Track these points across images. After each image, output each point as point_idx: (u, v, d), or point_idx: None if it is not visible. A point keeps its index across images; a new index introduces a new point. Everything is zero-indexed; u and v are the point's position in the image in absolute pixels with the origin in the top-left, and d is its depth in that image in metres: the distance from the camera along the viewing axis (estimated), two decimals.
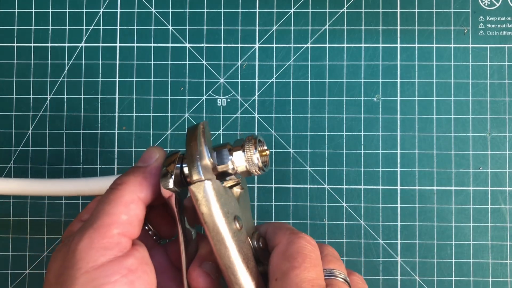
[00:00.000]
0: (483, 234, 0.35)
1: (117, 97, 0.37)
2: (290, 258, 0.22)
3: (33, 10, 0.37)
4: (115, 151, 0.36)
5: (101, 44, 0.37)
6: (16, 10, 0.37)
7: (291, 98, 0.36)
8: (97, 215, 0.23)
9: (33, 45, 0.37)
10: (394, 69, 0.36)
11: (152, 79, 0.37)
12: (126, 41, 0.37)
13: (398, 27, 0.36)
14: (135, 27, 0.37)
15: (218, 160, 0.24)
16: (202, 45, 0.37)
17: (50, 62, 0.37)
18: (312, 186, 0.36)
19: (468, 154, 0.36)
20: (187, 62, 0.37)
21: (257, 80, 0.36)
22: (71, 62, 0.37)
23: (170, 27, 0.37)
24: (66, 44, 0.37)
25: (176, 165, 0.24)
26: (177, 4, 0.37)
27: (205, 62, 0.37)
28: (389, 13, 0.37)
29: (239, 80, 0.36)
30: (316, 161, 0.36)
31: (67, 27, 0.37)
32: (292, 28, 0.37)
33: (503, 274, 0.35)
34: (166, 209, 0.27)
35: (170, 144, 0.36)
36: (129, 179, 0.24)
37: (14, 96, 0.37)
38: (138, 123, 0.36)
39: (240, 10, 0.37)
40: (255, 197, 0.36)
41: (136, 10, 0.37)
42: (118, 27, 0.37)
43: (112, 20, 0.37)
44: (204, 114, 0.36)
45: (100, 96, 0.37)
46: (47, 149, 0.36)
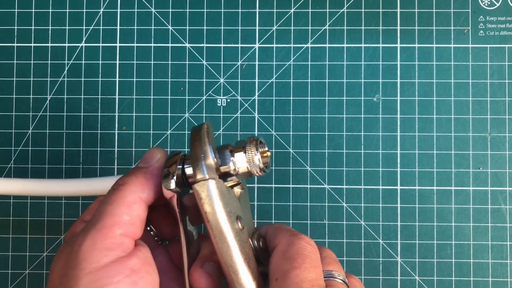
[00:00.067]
0: (483, 234, 0.35)
1: (117, 97, 0.37)
2: (290, 258, 0.23)
3: (33, 10, 0.37)
4: (115, 151, 0.36)
5: (101, 44, 0.37)
6: (16, 10, 0.37)
7: (291, 98, 0.36)
8: (99, 216, 0.23)
9: (33, 45, 0.37)
10: (394, 69, 0.36)
11: (152, 79, 0.37)
12: (126, 41, 0.37)
13: (398, 27, 0.36)
14: (135, 27, 0.37)
15: (221, 160, 0.25)
16: (202, 45, 0.37)
17: (50, 62, 0.37)
18: (312, 186, 0.36)
19: (468, 154, 0.36)
20: (187, 62, 0.37)
21: (257, 80, 0.36)
22: (71, 62, 0.37)
23: (170, 27, 0.37)
24: (66, 44, 0.37)
25: (177, 166, 0.24)
26: (177, 4, 0.37)
27: (205, 62, 0.37)
28: (389, 13, 0.37)
29: (239, 80, 0.36)
30: (316, 161, 0.36)
31: (67, 27, 0.37)
32: (292, 28, 0.37)
33: (503, 274, 0.35)
34: (167, 209, 0.28)
35: (170, 144, 0.36)
36: (131, 180, 0.24)
37: (14, 96, 0.37)
38: (138, 123, 0.36)
39: (240, 10, 0.37)
40: (255, 197, 0.36)
41: (136, 10, 0.37)
42: (118, 27, 0.37)
43: (112, 20, 0.37)
44: (204, 114, 0.36)
45: (100, 96, 0.37)
46: (47, 149, 0.36)
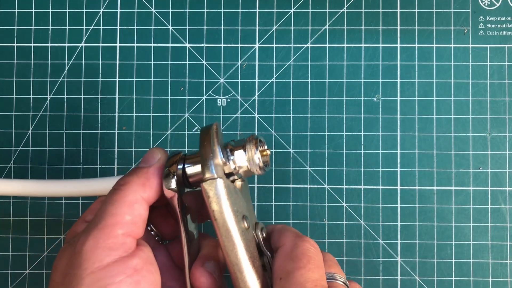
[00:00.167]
0: (483, 234, 0.35)
1: (117, 97, 0.37)
2: (295, 259, 0.23)
3: (33, 10, 0.37)
4: (115, 151, 0.36)
5: (101, 44, 0.37)
6: (16, 10, 0.37)
7: (291, 98, 0.36)
8: (101, 216, 0.23)
9: (33, 45, 0.37)
10: (394, 69, 0.36)
11: (152, 79, 0.37)
12: (126, 41, 0.37)
13: (398, 27, 0.36)
14: (135, 27, 0.37)
15: (225, 159, 0.25)
16: (202, 45, 0.37)
17: (50, 62, 0.37)
18: (312, 186, 0.36)
19: (468, 154, 0.36)
20: (187, 62, 0.37)
21: (257, 80, 0.36)
22: (71, 62, 0.37)
23: (170, 27, 0.37)
24: (66, 44, 0.37)
25: (178, 165, 0.25)
26: (177, 4, 0.37)
27: (205, 62, 0.37)
28: (389, 13, 0.37)
29: (239, 80, 0.36)
30: (316, 161, 0.36)
31: (67, 27, 0.37)
32: (292, 28, 0.37)
33: (503, 274, 0.35)
34: (168, 209, 0.28)
35: (170, 144, 0.36)
36: (132, 180, 0.24)
37: (14, 96, 0.37)
38: (138, 123, 0.36)
39: (240, 10, 0.37)
40: (255, 197, 0.36)
41: (136, 10, 0.37)
42: (118, 27, 0.37)
43: (112, 20, 0.37)
44: (204, 114, 0.36)
45: (100, 96, 0.37)
46: (47, 149, 0.36)
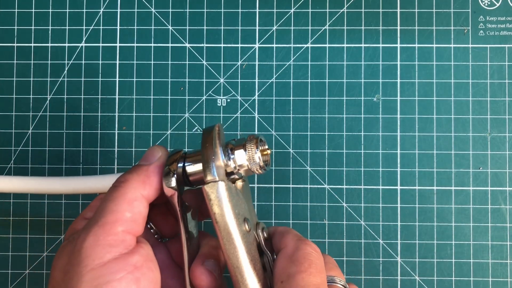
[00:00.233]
0: (483, 234, 0.35)
1: (117, 97, 0.37)
2: (296, 262, 0.23)
3: (33, 10, 0.37)
4: (115, 151, 0.36)
5: (101, 44, 0.37)
6: (16, 10, 0.37)
7: (291, 98, 0.36)
8: (101, 213, 0.23)
9: (33, 45, 0.37)
10: (394, 69, 0.36)
11: (152, 79, 0.37)
12: (126, 41, 0.37)
13: (398, 27, 0.36)
14: (135, 27, 0.37)
15: (226, 159, 0.25)
16: (202, 45, 0.37)
17: (50, 62, 0.37)
18: (312, 186, 0.36)
19: (468, 154, 0.36)
20: (187, 62, 0.37)
21: (257, 80, 0.36)
22: (71, 62, 0.37)
23: (170, 27, 0.37)
24: (66, 44, 0.37)
25: (178, 164, 0.25)
26: (177, 4, 0.37)
27: (205, 62, 0.37)
28: (389, 13, 0.37)
29: (239, 80, 0.36)
30: (316, 161, 0.36)
31: (67, 27, 0.37)
32: (292, 28, 0.37)
33: (503, 274, 0.35)
34: (167, 207, 0.28)
35: (170, 144, 0.36)
36: (132, 177, 0.24)
37: (14, 96, 0.37)
38: (138, 123, 0.36)
39: (240, 10, 0.37)
40: (255, 197, 0.36)
41: (136, 10, 0.37)
42: (118, 27, 0.37)
43: (112, 20, 0.37)
44: (204, 114, 0.36)
45: (100, 96, 0.37)
46: (47, 149, 0.36)
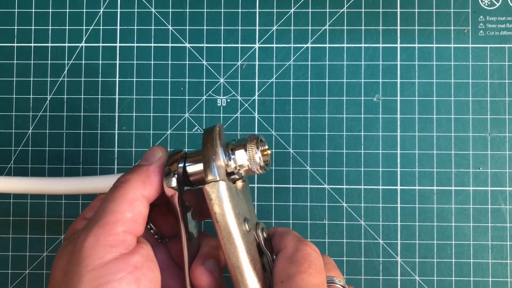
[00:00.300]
0: (483, 234, 0.35)
1: (117, 97, 0.37)
2: (296, 263, 0.23)
3: (33, 10, 0.37)
4: (115, 151, 0.36)
5: (101, 44, 0.37)
6: (16, 10, 0.37)
7: (291, 98, 0.36)
8: (102, 213, 0.23)
9: (33, 45, 0.37)
10: (394, 69, 0.36)
11: (152, 79, 0.37)
12: (126, 41, 0.37)
13: (398, 27, 0.36)
14: (135, 27, 0.37)
15: (227, 160, 0.25)
16: (202, 45, 0.37)
17: (50, 62, 0.37)
18: (312, 186, 0.36)
19: (468, 154, 0.36)
20: (187, 62, 0.37)
21: (257, 80, 0.36)
22: (71, 62, 0.37)
23: (170, 27, 0.37)
24: (66, 44, 0.37)
25: (179, 164, 0.25)
26: (177, 4, 0.37)
27: (205, 62, 0.37)
28: (389, 13, 0.37)
29: (239, 80, 0.36)
30: (316, 161, 0.36)
31: (67, 27, 0.37)
32: (292, 28, 0.37)
33: (503, 274, 0.35)
34: (167, 207, 0.28)
35: (170, 144, 0.36)
36: (132, 177, 0.24)
37: (14, 96, 0.37)
38: (138, 123, 0.36)
39: (240, 10, 0.37)
40: (255, 197, 0.36)
41: (136, 10, 0.37)
42: (118, 27, 0.37)
43: (112, 20, 0.37)
44: (204, 114, 0.36)
45: (100, 96, 0.37)
46: (47, 149, 0.36)
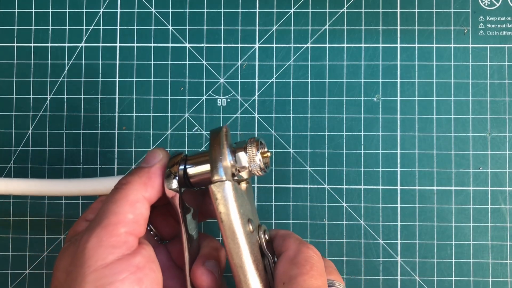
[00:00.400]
0: (483, 234, 0.35)
1: (117, 97, 0.37)
2: (298, 265, 0.23)
3: (33, 10, 0.37)
4: (115, 151, 0.36)
5: (101, 44, 0.37)
6: (16, 10, 0.37)
7: (291, 98, 0.36)
8: (104, 214, 0.23)
9: (33, 45, 0.37)
10: (394, 69, 0.36)
11: (152, 79, 0.37)
12: (126, 41, 0.37)
13: (398, 27, 0.36)
14: (135, 27, 0.37)
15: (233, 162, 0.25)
16: (202, 45, 0.37)
17: (50, 62, 0.37)
18: (312, 186, 0.36)
19: (468, 154, 0.36)
20: (187, 62, 0.37)
21: (257, 80, 0.36)
22: (71, 62, 0.37)
23: (170, 27, 0.37)
24: (66, 44, 0.37)
25: (179, 166, 0.25)
26: (177, 4, 0.37)
27: (205, 62, 0.37)
28: (389, 13, 0.37)
29: (239, 80, 0.36)
30: (316, 161, 0.36)
31: (67, 27, 0.37)
32: (292, 28, 0.37)
33: (503, 274, 0.35)
34: (167, 209, 0.28)
35: (170, 144, 0.36)
36: (134, 179, 0.24)
37: (14, 96, 0.37)
38: (138, 123, 0.36)
39: (240, 10, 0.37)
40: (255, 197, 0.36)
41: (136, 10, 0.37)
42: (118, 27, 0.37)
43: (112, 20, 0.37)
44: (204, 114, 0.36)
45: (100, 96, 0.37)
46: (47, 149, 0.36)
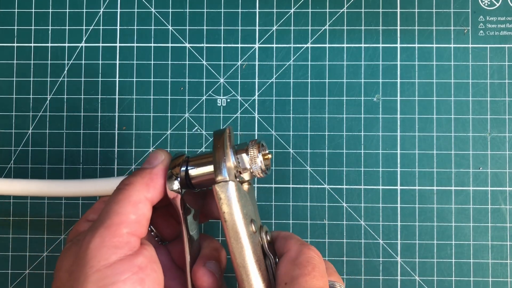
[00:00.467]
0: (483, 234, 0.35)
1: (117, 97, 0.37)
2: (300, 265, 0.23)
3: (33, 10, 0.37)
4: (115, 151, 0.36)
5: (101, 44, 0.37)
6: (16, 10, 0.37)
7: (291, 98, 0.36)
8: (106, 215, 0.23)
9: (33, 45, 0.37)
10: (394, 69, 0.36)
11: (152, 79, 0.37)
12: (126, 41, 0.37)
13: (398, 27, 0.36)
14: (135, 27, 0.37)
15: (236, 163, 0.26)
16: (202, 45, 0.37)
17: (50, 62, 0.37)
18: (312, 186, 0.36)
19: (468, 154, 0.36)
20: (187, 62, 0.37)
21: (257, 80, 0.36)
22: (71, 62, 0.37)
23: (170, 27, 0.37)
24: (66, 44, 0.37)
25: (181, 168, 0.26)
26: (177, 4, 0.37)
27: (205, 62, 0.37)
28: (389, 13, 0.37)
29: (239, 80, 0.36)
30: (316, 161, 0.36)
31: (67, 27, 0.37)
32: (292, 28, 0.37)
33: (503, 274, 0.35)
34: (168, 210, 0.28)
35: (170, 144, 0.36)
36: (136, 180, 0.25)
37: (14, 96, 0.37)
38: (138, 123, 0.36)
39: (240, 10, 0.37)
40: (255, 197, 0.36)
41: (136, 10, 0.37)
42: (118, 27, 0.37)
43: (112, 20, 0.37)
44: (204, 114, 0.36)
45: (100, 96, 0.37)
46: (47, 149, 0.36)
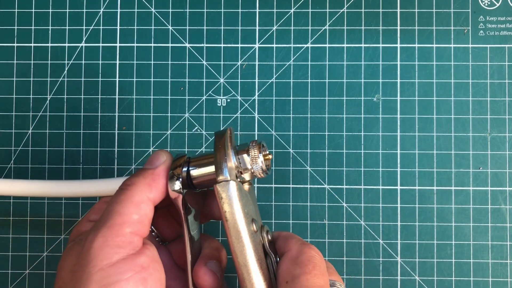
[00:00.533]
0: (483, 234, 0.35)
1: (117, 97, 0.37)
2: (301, 264, 0.24)
3: (33, 10, 0.37)
4: (115, 151, 0.36)
5: (101, 44, 0.37)
6: (16, 10, 0.37)
7: (291, 98, 0.36)
8: (109, 215, 0.23)
9: (33, 45, 0.37)
10: (394, 69, 0.36)
11: (152, 79, 0.37)
12: (126, 41, 0.37)
13: (398, 27, 0.36)
14: (135, 27, 0.37)
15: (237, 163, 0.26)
16: (202, 45, 0.37)
17: (50, 62, 0.37)
18: (312, 186, 0.36)
19: (468, 154, 0.36)
20: (187, 62, 0.37)
21: (257, 80, 0.36)
22: (71, 62, 0.37)
23: (170, 27, 0.37)
24: (66, 44, 0.37)
25: (182, 168, 0.26)
26: (177, 4, 0.37)
27: (205, 62, 0.37)
28: (389, 13, 0.37)
29: (239, 80, 0.36)
30: (316, 161, 0.36)
31: (67, 27, 0.37)
32: (292, 28, 0.37)
33: (503, 274, 0.35)
34: (169, 211, 0.28)
35: (170, 144, 0.36)
36: (138, 180, 0.25)
37: (14, 96, 0.37)
38: (138, 123, 0.36)
39: (240, 10, 0.37)
40: (256, 197, 0.36)
41: (136, 10, 0.37)
42: (118, 27, 0.37)
43: (112, 20, 0.37)
44: (204, 114, 0.36)
45: (100, 96, 0.37)
46: (47, 149, 0.36)
